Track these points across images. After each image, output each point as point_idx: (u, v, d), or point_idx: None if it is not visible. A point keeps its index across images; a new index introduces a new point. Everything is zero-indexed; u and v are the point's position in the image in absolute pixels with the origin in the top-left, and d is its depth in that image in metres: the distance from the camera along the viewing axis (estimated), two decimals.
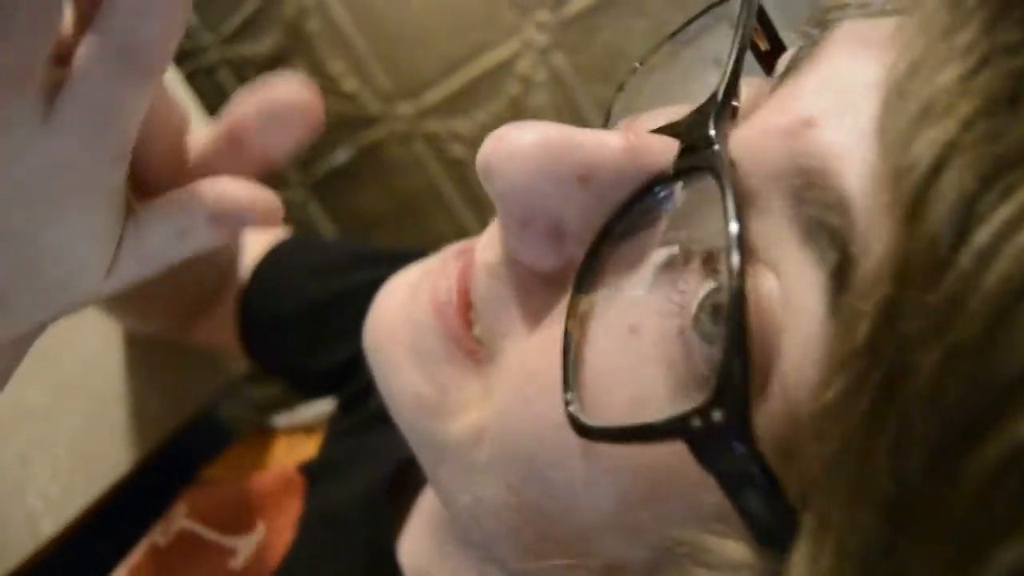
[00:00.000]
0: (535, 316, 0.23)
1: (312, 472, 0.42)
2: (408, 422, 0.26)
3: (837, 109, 0.19)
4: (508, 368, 0.23)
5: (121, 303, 0.46)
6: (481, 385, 0.24)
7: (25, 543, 0.42)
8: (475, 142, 0.67)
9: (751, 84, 0.23)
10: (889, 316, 0.16)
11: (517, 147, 0.21)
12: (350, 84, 0.64)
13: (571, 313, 0.21)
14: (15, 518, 0.42)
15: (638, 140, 0.21)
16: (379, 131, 0.65)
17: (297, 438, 0.47)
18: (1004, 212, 0.15)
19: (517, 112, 0.62)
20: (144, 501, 0.45)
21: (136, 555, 0.42)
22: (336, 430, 0.45)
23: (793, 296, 0.18)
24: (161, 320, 0.48)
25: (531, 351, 0.22)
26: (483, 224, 0.25)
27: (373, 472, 0.38)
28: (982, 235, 0.15)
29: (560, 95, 0.61)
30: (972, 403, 0.15)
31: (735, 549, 0.18)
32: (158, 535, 0.42)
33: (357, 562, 0.35)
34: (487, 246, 0.24)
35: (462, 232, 0.65)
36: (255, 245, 0.50)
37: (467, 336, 0.24)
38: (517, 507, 0.23)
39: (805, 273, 0.18)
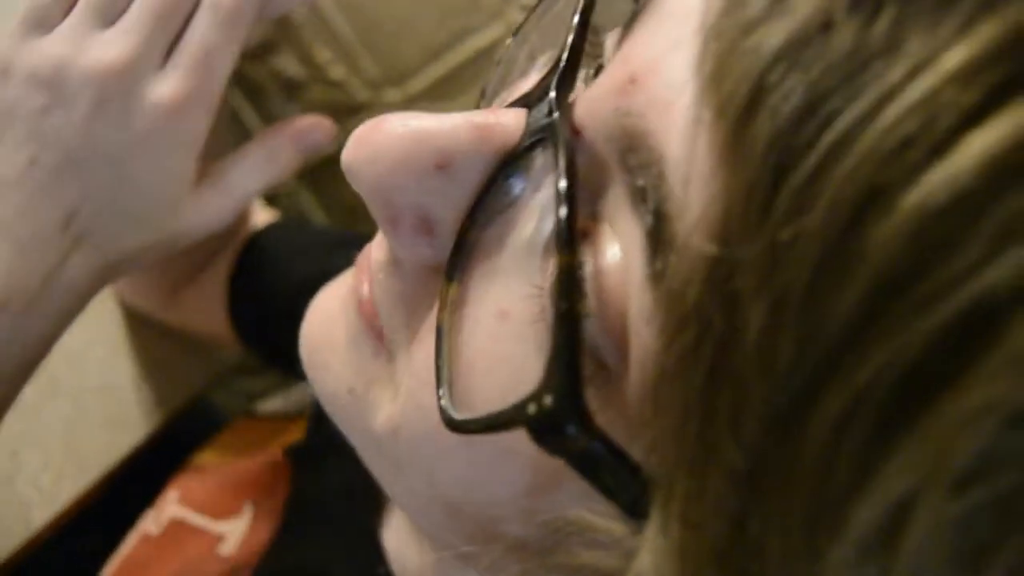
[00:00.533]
0: (422, 311, 0.22)
1: (297, 456, 0.42)
2: (343, 420, 0.26)
3: (662, 62, 0.18)
4: (403, 365, 0.23)
5: None
6: (389, 380, 0.23)
7: (18, 533, 0.42)
8: None
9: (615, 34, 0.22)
10: (714, 275, 0.15)
11: (373, 147, 0.20)
12: (337, 72, 0.64)
13: (442, 304, 0.21)
14: (7, 508, 0.42)
15: (483, 118, 0.21)
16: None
17: (284, 423, 0.47)
18: (821, 147, 0.14)
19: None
20: (136, 489, 0.45)
21: (128, 545, 0.42)
22: (320, 413, 0.44)
23: (629, 261, 0.18)
24: (155, 276, 0.49)
25: (417, 347, 0.22)
26: None
27: (356, 457, 0.38)
28: (799, 174, 0.14)
29: None
30: (804, 358, 0.14)
31: (614, 527, 0.17)
32: (150, 523, 0.42)
33: (342, 546, 0.35)
34: (378, 244, 0.24)
35: None
36: (249, 225, 0.50)
37: (378, 333, 0.24)
38: (435, 497, 0.22)
39: (632, 238, 0.18)
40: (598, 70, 0.21)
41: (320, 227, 0.57)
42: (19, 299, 0.30)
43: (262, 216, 0.51)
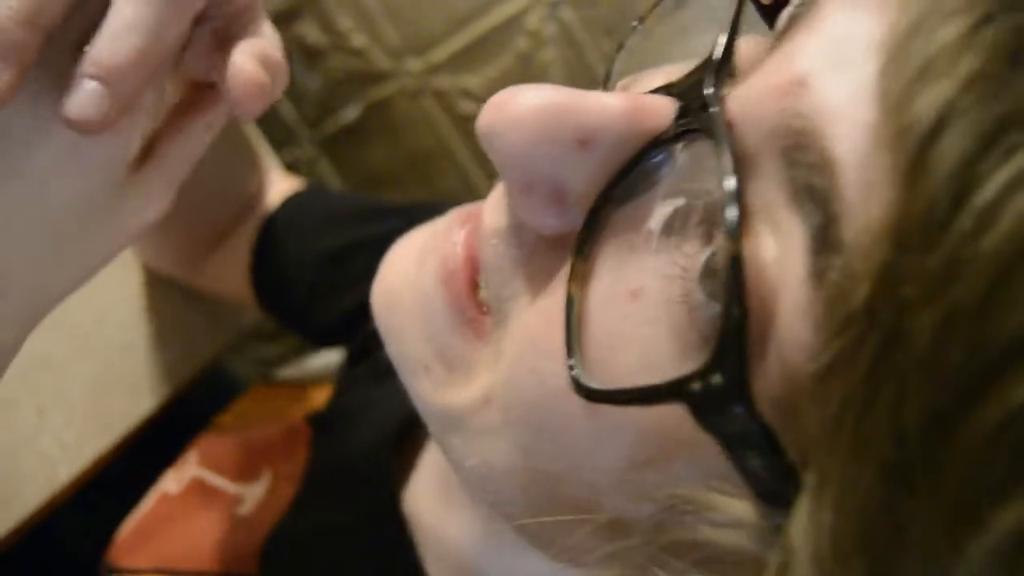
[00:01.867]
0: (540, 280, 0.23)
1: (319, 423, 0.42)
2: (415, 390, 0.26)
3: (832, 69, 0.19)
4: (514, 332, 0.23)
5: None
6: (491, 351, 0.24)
7: (42, 488, 0.43)
8: (484, 98, 0.65)
9: (756, 41, 0.23)
10: (887, 279, 0.16)
11: (517, 113, 0.21)
12: (359, 40, 0.64)
13: (573, 276, 0.21)
14: (32, 464, 0.43)
15: (637, 102, 0.21)
16: (388, 88, 0.64)
17: (305, 389, 0.48)
18: (1004, 174, 0.15)
19: (526, 67, 0.61)
20: (157, 449, 0.46)
21: (149, 502, 0.43)
22: (344, 382, 0.45)
23: (785, 257, 0.18)
24: (180, 246, 0.49)
25: (535, 315, 0.22)
26: (491, 181, 0.25)
27: (379, 424, 0.38)
28: (982, 197, 0.15)
29: (570, 50, 0.60)
30: (970, 366, 0.15)
31: (739, 507, 0.18)
32: (170, 482, 0.43)
33: (361, 512, 0.36)
34: (493, 210, 0.24)
35: (471, 188, 0.65)
36: (275, 190, 0.50)
37: (473, 305, 0.24)
38: (525, 468, 0.23)
39: (793, 233, 0.18)
40: (731, 72, 0.22)
41: (344, 195, 0.58)
42: None
43: (287, 184, 0.51)
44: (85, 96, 0.23)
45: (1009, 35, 0.16)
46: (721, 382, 0.17)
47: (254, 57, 0.26)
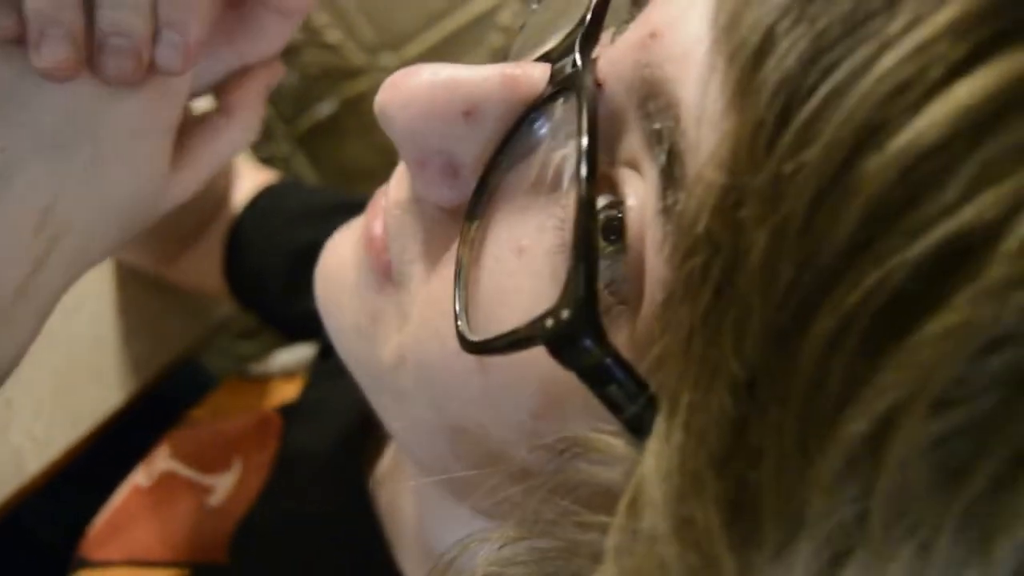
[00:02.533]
0: (440, 247, 0.24)
1: (290, 413, 0.43)
2: (350, 355, 0.27)
3: (680, 17, 0.19)
4: (417, 295, 0.24)
5: None
6: (396, 311, 0.25)
7: (11, 480, 0.43)
8: None
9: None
10: (723, 203, 0.16)
11: (407, 92, 0.22)
12: (334, 35, 0.64)
13: (463, 239, 0.22)
14: (1, 456, 0.43)
15: (513, 69, 0.22)
16: (363, 83, 0.64)
17: (278, 382, 0.48)
18: (823, 90, 0.15)
19: (499, 63, 0.62)
20: (130, 443, 0.46)
21: (120, 496, 0.43)
22: (316, 375, 0.45)
23: (643, 200, 0.19)
24: (151, 247, 0.49)
25: (435, 280, 0.23)
26: None
27: (349, 412, 0.39)
28: (802, 114, 0.15)
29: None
30: (801, 280, 0.15)
31: (615, 444, 0.19)
32: (141, 476, 0.43)
33: (329, 497, 0.36)
34: (397, 185, 0.25)
35: None
36: (246, 185, 0.50)
37: (384, 266, 0.25)
38: (442, 425, 0.24)
39: (648, 176, 0.19)
40: (621, 31, 0.23)
41: (317, 190, 0.58)
42: None
43: (258, 176, 0.51)
44: (173, 47, 0.25)
45: None
46: (569, 315, 0.18)
47: None
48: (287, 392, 0.46)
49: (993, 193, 0.14)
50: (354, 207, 0.47)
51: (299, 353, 0.49)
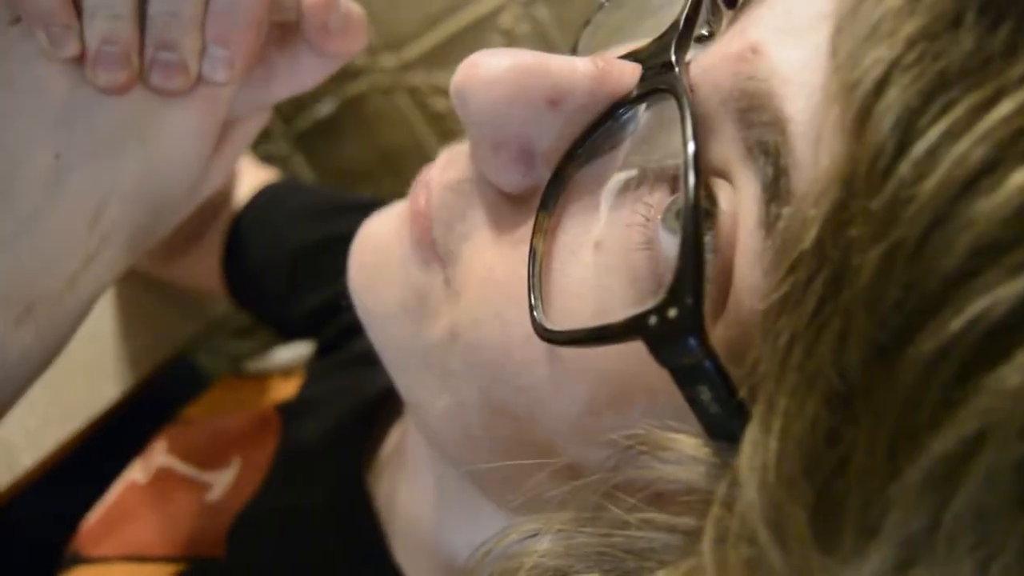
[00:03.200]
0: (499, 230, 0.24)
1: (288, 411, 0.42)
2: (389, 334, 0.27)
3: (783, 35, 0.20)
4: (472, 275, 0.24)
5: None
6: (445, 288, 0.25)
7: (3, 474, 0.42)
8: None
9: (727, 14, 0.24)
10: (836, 221, 0.17)
11: (490, 73, 0.22)
12: None
13: (537, 229, 0.22)
14: None
15: (606, 65, 0.22)
16: (362, 83, 0.65)
17: (275, 380, 0.48)
18: (941, 126, 0.16)
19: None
20: (123, 440, 0.46)
21: (115, 491, 0.43)
22: (314, 372, 0.45)
23: (740, 208, 0.20)
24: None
25: (497, 265, 0.23)
26: None
27: (346, 408, 0.39)
28: (921, 146, 0.16)
29: (543, 48, 0.61)
30: (908, 302, 0.16)
31: (690, 443, 0.19)
32: (137, 472, 0.43)
33: (327, 492, 0.36)
34: (444, 169, 0.25)
35: None
36: (246, 184, 0.50)
37: (430, 240, 0.25)
38: (489, 409, 0.24)
39: (747, 186, 0.20)
40: (700, 39, 0.23)
41: (316, 189, 0.58)
42: (43, 305, 0.27)
43: (259, 174, 0.51)
44: (219, 61, 0.27)
45: (948, 1, 0.17)
46: (676, 315, 0.18)
47: None
48: (285, 390, 0.45)
49: None
50: (355, 207, 0.48)
51: (296, 351, 0.49)
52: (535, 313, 0.21)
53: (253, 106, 0.30)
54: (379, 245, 0.27)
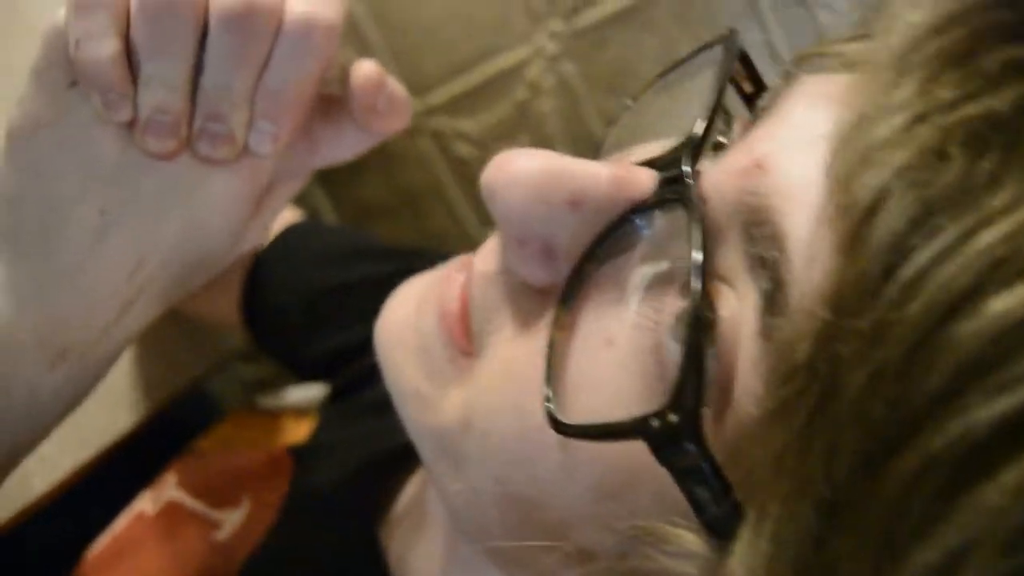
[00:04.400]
0: (524, 322, 0.25)
1: (301, 454, 0.43)
2: (410, 417, 0.28)
3: (787, 153, 0.21)
4: (494, 365, 0.25)
5: None
6: (462, 376, 0.26)
7: (15, 498, 0.43)
8: (480, 142, 0.68)
9: (741, 123, 0.26)
10: (825, 339, 0.18)
11: (518, 174, 0.23)
12: None
13: (556, 324, 0.24)
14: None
15: (624, 172, 0.24)
16: None
17: (288, 419, 0.49)
18: (928, 252, 0.17)
19: (524, 117, 0.63)
20: (135, 468, 0.46)
21: (123, 521, 0.43)
22: (328, 416, 0.46)
23: (741, 317, 0.21)
24: None
25: (519, 356, 0.24)
26: (482, 222, 0.27)
27: (361, 459, 0.39)
28: (907, 270, 0.17)
29: (567, 103, 0.62)
30: (893, 419, 0.17)
31: (691, 540, 0.20)
32: (147, 503, 0.43)
33: (339, 543, 0.36)
34: (485, 258, 0.27)
35: (462, 229, 0.66)
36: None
37: (464, 337, 0.26)
38: (503, 495, 0.25)
39: (748, 296, 0.21)
40: (717, 147, 0.25)
41: (339, 231, 0.59)
42: (77, 351, 0.28)
43: (284, 215, 0.52)
44: (265, 135, 0.27)
45: (938, 133, 0.18)
46: (676, 420, 0.19)
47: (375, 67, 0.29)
48: (297, 432, 0.46)
49: None
50: (376, 253, 0.49)
51: (311, 392, 0.50)
52: (549, 404, 0.22)
53: (293, 173, 0.31)
54: (401, 325, 0.28)
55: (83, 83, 0.26)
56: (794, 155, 0.21)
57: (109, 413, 0.49)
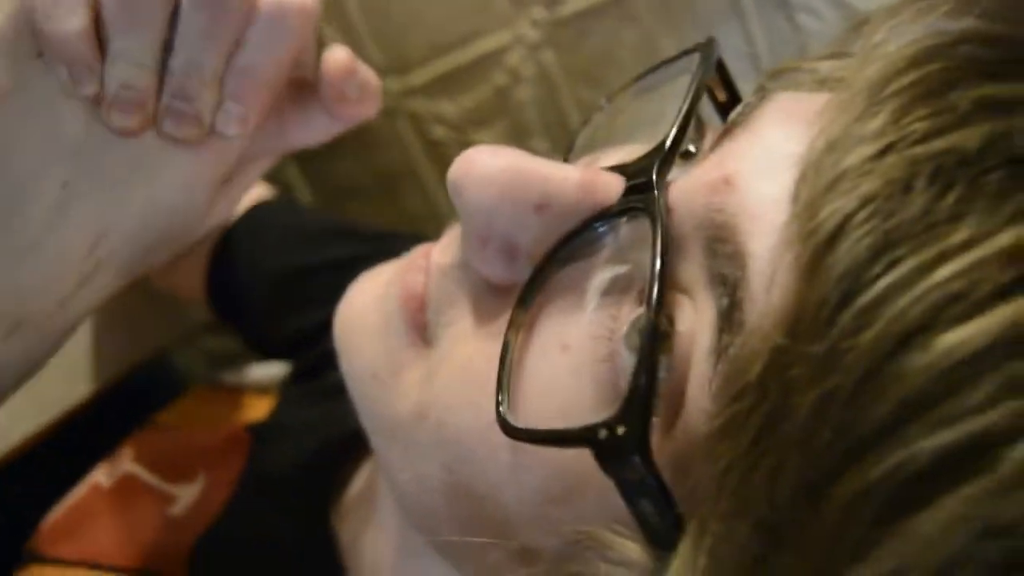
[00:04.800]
0: (480, 319, 0.25)
1: (259, 433, 0.43)
2: (364, 399, 0.28)
3: (756, 173, 0.21)
4: (449, 359, 0.25)
5: None
6: (421, 367, 0.26)
7: None
8: (457, 126, 0.67)
9: (714, 132, 0.25)
10: (778, 361, 0.18)
11: (487, 171, 0.23)
12: None
13: (512, 324, 0.23)
14: None
15: (592, 177, 0.24)
16: None
17: (248, 396, 0.48)
18: (884, 282, 0.17)
19: (502, 102, 0.63)
20: (92, 439, 0.46)
21: (78, 493, 0.43)
22: (288, 397, 0.46)
23: (696, 332, 0.21)
24: None
25: (475, 353, 0.24)
26: (454, 208, 0.27)
27: (318, 442, 0.40)
28: (864, 299, 0.17)
29: (545, 92, 0.62)
30: (837, 445, 0.17)
31: (632, 549, 0.20)
32: (102, 475, 0.43)
33: (292, 524, 0.36)
34: (444, 250, 0.27)
35: (435, 211, 0.66)
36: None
37: (423, 327, 0.26)
38: (451, 485, 0.25)
39: (705, 311, 0.21)
40: (686, 155, 0.24)
41: (308, 212, 0.58)
42: (32, 323, 0.28)
43: (255, 191, 0.52)
44: (233, 117, 0.27)
45: (905, 165, 0.18)
46: (623, 433, 0.19)
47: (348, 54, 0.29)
48: (257, 409, 0.46)
49: (1014, 403, 0.16)
50: (345, 234, 0.49)
51: (272, 370, 0.50)
52: (500, 407, 0.22)
53: (260, 153, 0.31)
54: (363, 308, 0.28)
55: (50, 55, 0.26)
56: (763, 175, 0.21)
57: (67, 382, 0.48)
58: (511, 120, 0.63)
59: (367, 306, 0.28)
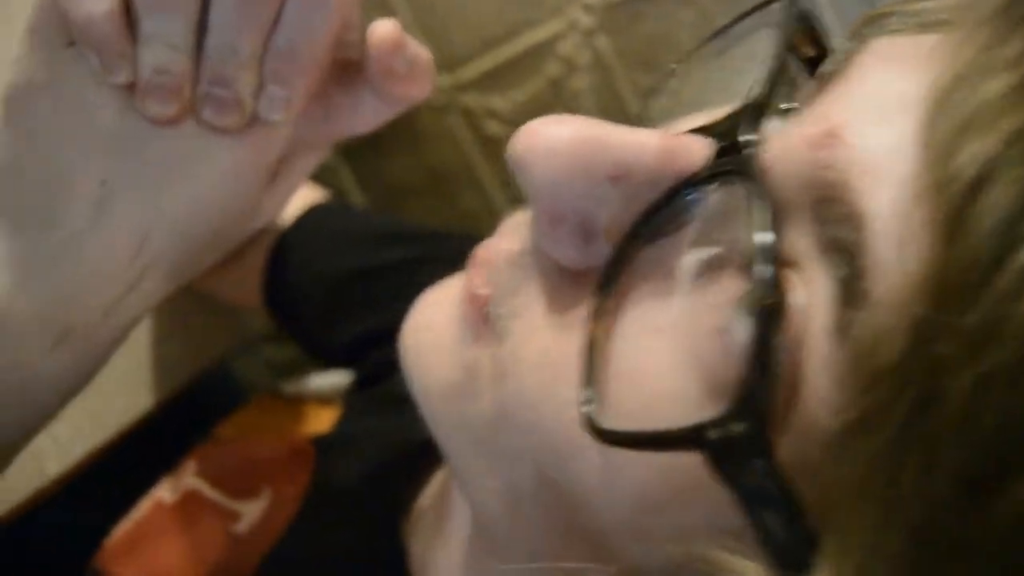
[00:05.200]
0: (554, 308, 0.23)
1: (324, 445, 0.42)
2: (439, 415, 0.26)
3: (867, 122, 0.18)
4: (522, 354, 0.23)
5: None
6: (494, 365, 0.23)
7: (29, 481, 0.42)
8: (512, 120, 0.65)
9: (804, 89, 0.23)
10: (922, 337, 0.15)
11: (552, 143, 0.21)
12: None
13: (596, 312, 0.21)
14: (22, 456, 0.42)
15: (673, 141, 0.21)
16: None
17: (310, 407, 0.47)
18: None
19: (557, 94, 0.61)
20: (154, 452, 0.45)
21: (142, 509, 0.42)
22: (352, 406, 0.45)
23: (811, 309, 0.18)
24: None
25: (554, 347, 0.22)
26: (513, 204, 0.25)
27: (385, 452, 0.38)
28: (1022, 257, 0.15)
29: (601, 80, 0.60)
30: (1005, 435, 0.14)
31: (751, 570, 0.17)
32: (166, 491, 0.42)
33: (360, 540, 0.35)
34: (508, 235, 0.24)
35: (491, 209, 0.64)
36: (294, 202, 0.50)
37: (489, 324, 0.24)
38: (543, 493, 0.22)
39: (819, 284, 0.18)
40: (780, 113, 0.22)
41: (365, 214, 0.58)
42: (80, 331, 0.26)
43: (309, 194, 0.51)
44: (276, 100, 0.25)
45: None
46: (742, 432, 0.17)
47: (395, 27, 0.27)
48: (321, 421, 0.45)
49: None
50: (402, 236, 0.47)
51: (334, 379, 0.48)
52: (588, 407, 0.20)
53: (309, 144, 0.29)
54: (432, 323, 0.26)
55: (79, 41, 0.24)
56: (874, 123, 0.18)
57: (128, 395, 0.48)
58: (567, 110, 0.60)
59: (434, 319, 0.26)
